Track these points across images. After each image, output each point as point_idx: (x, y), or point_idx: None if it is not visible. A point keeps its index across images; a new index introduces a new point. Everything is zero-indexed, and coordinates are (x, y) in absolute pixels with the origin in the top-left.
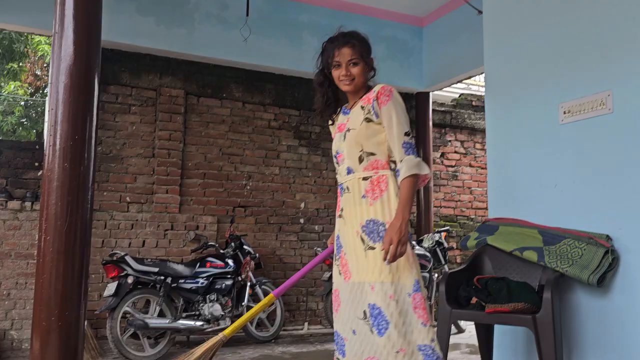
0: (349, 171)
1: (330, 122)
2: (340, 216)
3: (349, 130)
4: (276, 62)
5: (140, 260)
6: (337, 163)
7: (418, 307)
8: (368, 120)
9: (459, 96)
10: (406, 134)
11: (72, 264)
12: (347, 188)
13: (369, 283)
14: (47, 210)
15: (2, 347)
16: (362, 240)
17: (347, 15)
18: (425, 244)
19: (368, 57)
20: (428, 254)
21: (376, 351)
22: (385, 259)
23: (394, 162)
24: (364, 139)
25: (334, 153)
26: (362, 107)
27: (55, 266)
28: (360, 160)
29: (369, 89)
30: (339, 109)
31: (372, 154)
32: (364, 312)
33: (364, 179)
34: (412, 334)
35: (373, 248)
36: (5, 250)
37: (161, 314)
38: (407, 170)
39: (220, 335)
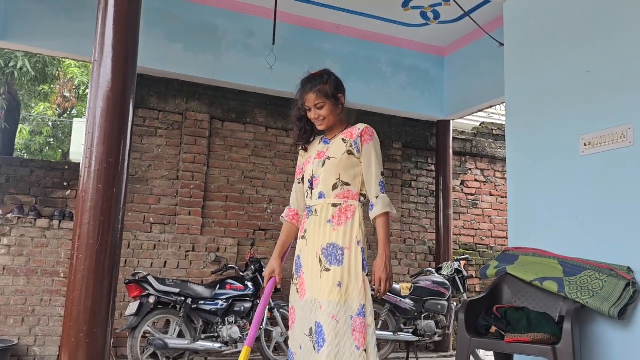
0: (321, 196)
1: (303, 149)
2: (303, 237)
3: (329, 158)
4: None
5: (162, 281)
6: (311, 187)
7: (356, 331)
8: (350, 152)
9: (480, 125)
10: (382, 173)
11: (101, 282)
12: (315, 211)
13: (319, 302)
14: (80, 229)
15: None
16: (320, 261)
17: (369, 45)
18: (444, 271)
19: (334, 96)
20: (447, 282)
21: None
22: (377, 296)
23: (364, 195)
24: (342, 168)
25: (308, 177)
26: (344, 140)
27: (86, 284)
28: (335, 187)
29: (347, 122)
30: (313, 138)
31: (347, 184)
32: (311, 329)
33: (334, 205)
34: (344, 356)
35: (328, 270)
36: (32, 267)
37: (180, 335)
38: (383, 207)
39: None
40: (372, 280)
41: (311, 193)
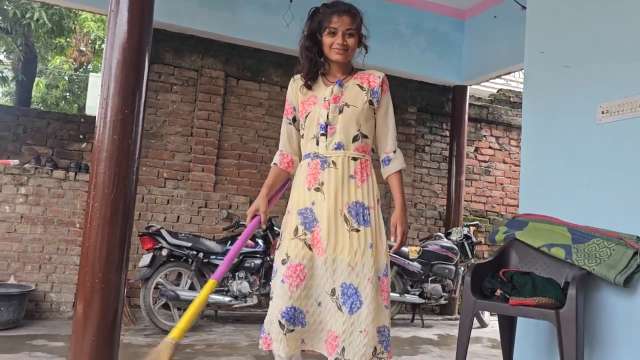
0: (339, 147)
1: (307, 86)
2: (317, 189)
3: (347, 105)
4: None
5: (174, 235)
6: (325, 134)
7: (384, 291)
8: (370, 102)
9: (497, 91)
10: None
11: (116, 231)
12: (333, 163)
13: (348, 263)
14: (96, 178)
15: (42, 308)
16: (346, 220)
17: (388, 5)
18: (454, 237)
19: (361, 32)
20: (455, 247)
21: (338, 328)
22: (398, 247)
23: (373, 149)
24: (363, 119)
25: (320, 121)
26: (361, 87)
27: (101, 231)
28: (355, 139)
29: (352, 67)
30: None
31: (366, 136)
32: (333, 290)
33: (354, 159)
34: (378, 315)
35: (358, 230)
36: (49, 217)
37: (192, 287)
38: (401, 163)
39: (169, 339)
40: (392, 232)
41: (326, 141)
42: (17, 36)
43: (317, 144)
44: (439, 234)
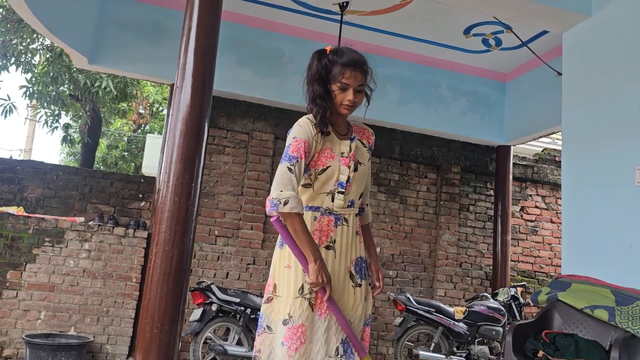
0: (352, 204)
1: (325, 132)
2: (328, 247)
3: (359, 163)
4: (361, 112)
5: (224, 290)
6: (343, 191)
7: (364, 340)
8: (369, 159)
9: (542, 151)
10: None
11: (174, 286)
12: (345, 220)
13: (348, 319)
14: (158, 236)
15: None
16: (352, 276)
17: (430, 70)
18: (500, 297)
19: (369, 85)
20: (502, 308)
21: None
22: (377, 294)
23: None
24: (367, 177)
25: (342, 180)
26: (363, 143)
27: (161, 286)
28: (360, 196)
29: None
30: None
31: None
32: (337, 349)
33: (356, 214)
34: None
35: (360, 285)
36: (109, 272)
37: (239, 343)
38: (371, 215)
39: None
40: (375, 278)
41: (342, 198)
42: (86, 103)
43: (333, 200)
44: (486, 294)
